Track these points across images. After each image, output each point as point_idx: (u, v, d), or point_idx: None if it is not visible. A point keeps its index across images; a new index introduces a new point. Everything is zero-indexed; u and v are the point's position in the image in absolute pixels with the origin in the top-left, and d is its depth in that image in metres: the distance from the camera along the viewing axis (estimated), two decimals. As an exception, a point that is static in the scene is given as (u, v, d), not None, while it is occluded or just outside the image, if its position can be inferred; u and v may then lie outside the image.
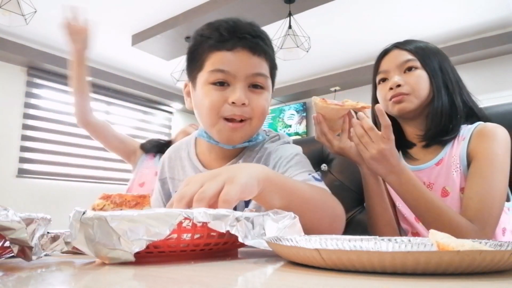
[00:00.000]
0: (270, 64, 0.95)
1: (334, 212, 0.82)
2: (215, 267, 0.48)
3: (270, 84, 0.96)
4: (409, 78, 1.10)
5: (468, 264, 0.35)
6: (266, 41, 0.94)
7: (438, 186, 1.08)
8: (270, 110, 6.31)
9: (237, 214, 0.55)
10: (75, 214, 0.50)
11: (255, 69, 0.90)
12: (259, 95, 0.92)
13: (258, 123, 0.95)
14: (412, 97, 1.09)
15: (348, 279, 0.37)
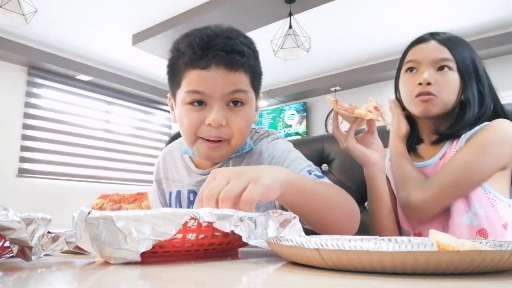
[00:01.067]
0: (252, 74, 0.91)
1: (351, 209, 0.83)
2: (215, 267, 0.48)
3: (253, 96, 0.92)
4: (441, 78, 1.03)
5: (468, 264, 0.35)
6: (245, 52, 0.88)
7: None
8: (270, 109, 6.32)
9: (241, 214, 0.55)
10: (80, 214, 0.51)
11: (232, 86, 0.86)
12: (238, 113, 0.89)
13: (237, 143, 0.92)
14: (439, 101, 1.03)
15: (348, 279, 0.37)
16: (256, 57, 0.93)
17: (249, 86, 0.90)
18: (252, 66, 0.90)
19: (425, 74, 1.02)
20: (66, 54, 4.76)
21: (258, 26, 3.93)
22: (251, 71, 0.90)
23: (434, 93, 1.02)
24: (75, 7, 3.82)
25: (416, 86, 1.04)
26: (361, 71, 5.21)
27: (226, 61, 0.85)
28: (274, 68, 5.20)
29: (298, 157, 0.96)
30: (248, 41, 0.92)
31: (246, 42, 0.91)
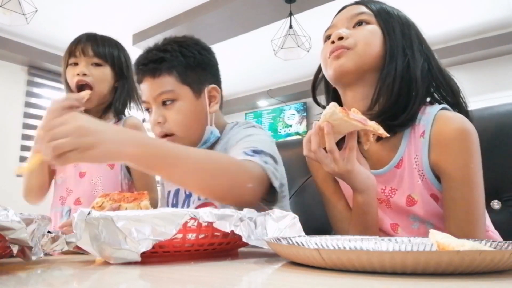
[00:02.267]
0: (179, 72, 1.02)
1: (235, 178, 0.81)
2: (216, 267, 0.48)
3: (184, 91, 1.02)
4: (357, 31, 0.90)
5: (468, 264, 0.35)
6: (165, 58, 1.02)
7: (402, 193, 0.89)
8: (271, 109, 6.32)
9: (241, 214, 0.55)
10: (80, 214, 0.51)
11: (157, 90, 1.01)
12: (171, 109, 1.01)
13: (182, 134, 1.02)
14: (353, 53, 0.88)
15: (348, 279, 0.37)
16: (184, 55, 1.03)
17: (177, 83, 1.02)
18: (177, 66, 1.02)
19: (339, 30, 0.90)
20: (66, 54, 4.76)
21: (258, 26, 3.93)
22: (178, 70, 1.02)
23: (348, 46, 0.88)
24: (75, 7, 3.82)
25: (329, 46, 0.91)
26: (361, 71, 5.21)
27: (149, 71, 1.03)
28: (274, 68, 5.20)
29: (251, 140, 0.96)
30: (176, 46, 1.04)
31: (172, 47, 1.04)
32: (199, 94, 1.04)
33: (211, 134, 1.05)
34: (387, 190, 0.91)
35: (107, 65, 1.41)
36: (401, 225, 0.91)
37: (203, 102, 1.05)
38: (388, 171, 0.90)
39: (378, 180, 0.90)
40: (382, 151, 0.92)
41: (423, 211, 0.87)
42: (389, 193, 0.91)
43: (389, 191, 0.91)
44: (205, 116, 1.05)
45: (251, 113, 6.68)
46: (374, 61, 0.89)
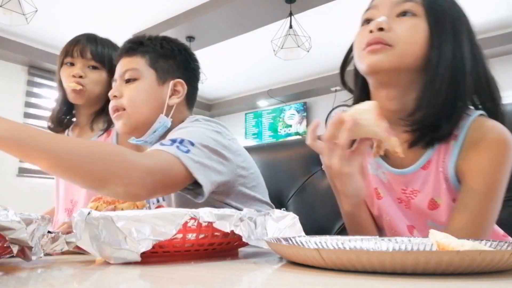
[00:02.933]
0: (151, 57, 1.08)
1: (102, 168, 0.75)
2: (216, 267, 0.48)
3: (149, 73, 1.07)
4: (400, 24, 0.79)
5: (468, 264, 0.35)
6: (144, 42, 1.10)
7: (425, 196, 0.84)
8: (271, 109, 6.32)
9: (241, 214, 0.55)
10: (80, 214, 0.51)
11: (125, 67, 1.07)
12: (129, 87, 1.06)
13: (131, 111, 1.04)
14: (393, 51, 0.78)
15: (348, 279, 0.37)
16: (163, 46, 1.10)
17: (145, 65, 1.07)
18: (151, 52, 1.09)
19: (379, 18, 0.79)
20: (66, 54, 4.76)
21: (258, 26, 3.93)
22: (150, 55, 1.08)
23: (388, 41, 0.78)
24: (75, 7, 3.82)
25: (367, 35, 0.80)
26: (361, 71, 5.21)
27: (124, 51, 1.10)
28: (274, 68, 5.20)
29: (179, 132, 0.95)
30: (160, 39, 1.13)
31: (155, 38, 1.12)
32: (163, 82, 1.08)
33: (162, 124, 1.05)
34: (408, 191, 0.86)
35: (103, 70, 1.41)
36: (418, 228, 0.87)
37: (164, 90, 1.07)
38: (413, 172, 0.84)
39: (399, 180, 0.86)
40: (407, 150, 0.83)
41: (445, 216, 0.82)
42: (410, 194, 0.86)
43: (410, 192, 0.85)
44: (161, 104, 1.06)
45: (251, 113, 6.68)
46: (415, 61, 0.79)
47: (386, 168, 0.88)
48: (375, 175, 0.91)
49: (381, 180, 0.90)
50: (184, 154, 0.84)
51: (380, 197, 0.90)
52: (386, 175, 0.88)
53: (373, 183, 0.91)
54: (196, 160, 0.85)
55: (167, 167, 0.82)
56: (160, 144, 0.86)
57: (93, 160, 0.74)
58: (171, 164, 0.82)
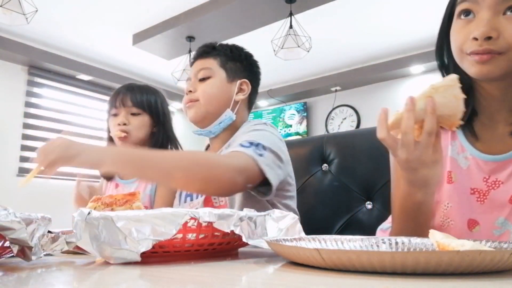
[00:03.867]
0: (222, 59, 1.23)
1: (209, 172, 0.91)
2: (216, 267, 0.48)
3: (220, 72, 1.21)
4: (509, 25, 0.70)
5: (468, 264, 0.35)
6: (216, 47, 1.25)
7: (509, 188, 0.78)
8: (271, 109, 6.32)
9: (241, 214, 0.55)
10: (81, 214, 0.51)
11: (200, 66, 1.22)
12: (203, 83, 1.20)
13: (204, 102, 1.17)
14: (504, 59, 0.71)
15: (348, 279, 0.37)
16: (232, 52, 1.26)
17: (217, 66, 1.22)
18: (222, 55, 1.23)
19: (483, 24, 0.71)
20: (66, 53, 4.76)
21: (259, 26, 3.93)
22: (221, 58, 1.23)
23: (498, 50, 0.70)
24: (75, 7, 3.82)
25: (471, 41, 0.73)
26: (361, 71, 5.20)
27: (199, 54, 1.26)
28: (275, 68, 5.19)
29: (253, 134, 1.07)
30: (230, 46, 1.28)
31: (226, 45, 1.27)
32: (232, 81, 1.22)
33: (228, 117, 1.19)
34: (490, 181, 0.80)
35: (145, 114, 1.53)
36: (483, 225, 0.80)
37: (232, 88, 1.22)
38: (504, 160, 0.77)
39: (484, 167, 0.80)
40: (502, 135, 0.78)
41: None
42: (491, 184, 0.79)
43: (492, 183, 0.79)
44: (229, 99, 1.21)
45: (251, 113, 6.68)
46: None
47: (471, 152, 0.81)
48: (453, 158, 0.85)
49: (458, 165, 0.84)
50: (260, 158, 0.97)
51: (451, 181, 0.84)
52: (468, 160, 0.82)
53: (448, 165, 0.85)
54: (266, 163, 0.98)
55: (248, 167, 0.95)
56: (241, 145, 1.00)
57: (192, 170, 0.89)
58: (250, 165, 0.95)
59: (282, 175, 1.07)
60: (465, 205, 0.82)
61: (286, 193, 1.15)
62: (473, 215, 0.82)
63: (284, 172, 1.09)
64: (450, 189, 0.84)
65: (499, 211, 0.79)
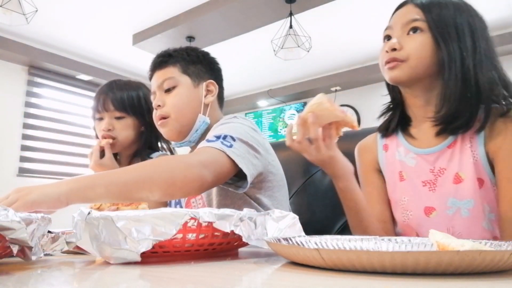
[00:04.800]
0: (182, 65, 1.19)
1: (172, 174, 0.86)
2: (216, 267, 0.48)
3: (184, 78, 1.18)
4: (409, 42, 0.93)
5: (468, 264, 0.35)
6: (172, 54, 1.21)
7: (451, 172, 0.93)
8: (271, 109, 6.32)
9: (241, 214, 0.55)
10: (80, 214, 0.51)
11: (162, 78, 1.18)
12: (170, 95, 1.17)
13: (177, 116, 1.15)
14: (406, 66, 0.92)
15: (348, 279, 0.37)
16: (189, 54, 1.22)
17: (179, 73, 1.18)
18: (181, 60, 1.19)
19: (392, 40, 0.95)
20: (66, 53, 4.76)
21: (258, 26, 3.93)
22: (180, 63, 1.19)
23: (401, 58, 0.93)
24: (75, 7, 3.82)
25: (385, 53, 0.96)
26: (361, 71, 5.20)
27: (155, 64, 1.22)
28: (274, 68, 5.20)
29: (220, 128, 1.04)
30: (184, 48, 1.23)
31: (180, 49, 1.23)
32: (197, 85, 1.19)
33: (203, 122, 1.16)
34: (436, 170, 0.96)
35: (129, 116, 1.48)
36: (438, 209, 0.95)
37: (199, 92, 1.19)
38: (440, 150, 0.95)
39: (428, 160, 0.96)
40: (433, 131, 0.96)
41: (467, 192, 0.91)
42: (437, 173, 0.95)
43: (438, 171, 0.95)
44: (199, 104, 1.17)
45: (251, 113, 6.68)
46: (428, 70, 0.93)
47: (415, 151, 0.99)
48: (401, 161, 1.01)
49: (407, 165, 1.00)
50: (229, 149, 0.94)
51: (403, 179, 1.00)
52: (414, 158, 0.99)
53: (398, 167, 1.01)
54: (238, 154, 0.95)
55: (216, 160, 0.93)
56: (206, 141, 0.97)
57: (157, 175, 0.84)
58: (219, 157, 0.93)
59: (260, 166, 1.04)
60: (420, 196, 0.97)
61: (269, 184, 1.11)
62: (428, 203, 0.96)
63: (263, 162, 1.05)
64: (403, 186, 1.00)
65: (448, 193, 0.93)
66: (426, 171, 0.97)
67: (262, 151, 1.05)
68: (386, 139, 1.07)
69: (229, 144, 0.95)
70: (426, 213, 0.97)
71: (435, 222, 0.95)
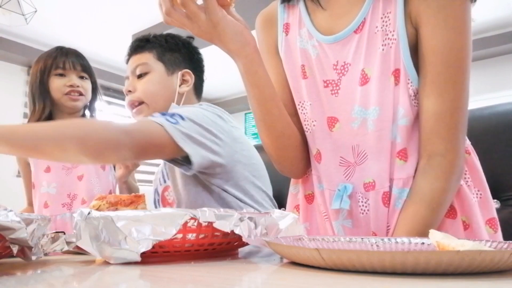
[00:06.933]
0: (158, 51, 1.17)
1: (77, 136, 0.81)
2: (216, 267, 0.48)
3: (158, 65, 1.16)
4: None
5: (468, 264, 0.35)
6: (150, 39, 1.19)
7: (356, 68, 0.74)
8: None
9: (241, 214, 0.55)
10: (80, 213, 0.51)
11: (135, 63, 1.17)
12: (141, 81, 1.15)
13: (150, 102, 1.14)
14: None
15: (348, 279, 0.37)
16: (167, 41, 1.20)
17: (153, 59, 1.16)
18: (158, 47, 1.18)
19: None
20: (66, 54, 4.76)
21: (258, 26, 3.93)
22: (157, 50, 1.17)
23: None
24: (75, 7, 3.82)
25: None
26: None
27: (133, 49, 1.20)
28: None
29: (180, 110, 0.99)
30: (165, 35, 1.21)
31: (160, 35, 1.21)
32: (172, 73, 1.17)
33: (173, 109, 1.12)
34: (339, 66, 0.76)
35: (89, 80, 1.62)
36: (342, 120, 0.78)
37: (174, 80, 1.17)
38: (345, 37, 0.74)
39: (331, 50, 0.76)
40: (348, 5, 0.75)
41: (373, 96, 0.73)
42: (341, 70, 0.76)
43: (342, 68, 0.76)
44: (172, 93, 1.15)
45: (251, 113, 6.68)
46: None
47: (317, 38, 0.78)
48: (304, 49, 0.82)
49: (309, 55, 0.80)
50: (171, 124, 0.89)
51: (306, 77, 0.81)
52: (316, 48, 0.79)
53: (300, 59, 0.82)
54: (183, 132, 0.89)
55: (148, 130, 0.87)
56: (151, 116, 0.92)
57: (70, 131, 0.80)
58: (152, 129, 0.88)
59: (222, 153, 0.97)
60: (321, 102, 0.79)
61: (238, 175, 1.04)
62: (330, 111, 0.79)
63: (227, 150, 0.99)
64: (306, 85, 0.81)
65: (352, 99, 0.76)
66: (328, 68, 0.77)
67: (225, 139, 0.99)
68: (288, 15, 0.86)
69: (174, 121, 0.90)
70: (330, 125, 0.79)
71: (338, 137, 0.78)
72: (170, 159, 0.97)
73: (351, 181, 0.78)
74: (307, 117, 0.82)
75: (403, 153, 0.74)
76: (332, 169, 0.80)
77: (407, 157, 0.74)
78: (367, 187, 0.77)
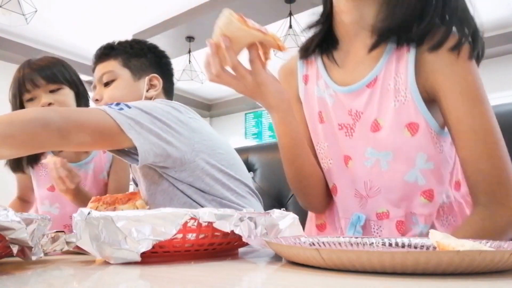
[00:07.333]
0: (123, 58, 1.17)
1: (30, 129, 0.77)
2: (216, 267, 0.48)
3: (124, 72, 1.16)
4: None
5: (468, 264, 0.35)
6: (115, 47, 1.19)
7: (368, 117, 0.81)
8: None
9: (241, 214, 0.55)
10: (80, 214, 0.51)
11: (101, 71, 1.16)
12: (108, 89, 1.14)
13: None
14: None
15: (348, 279, 0.37)
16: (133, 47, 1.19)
17: (119, 66, 1.16)
18: (123, 54, 1.17)
19: None
20: (66, 54, 4.76)
21: (258, 26, 3.93)
22: (122, 57, 1.17)
23: None
24: (75, 7, 3.82)
25: None
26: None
27: (98, 58, 1.19)
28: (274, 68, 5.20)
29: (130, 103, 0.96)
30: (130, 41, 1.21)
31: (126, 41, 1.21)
32: (139, 78, 1.17)
33: None
34: (353, 113, 0.84)
35: (64, 86, 1.41)
36: (354, 158, 0.85)
37: (140, 86, 1.16)
38: (358, 90, 0.82)
39: (345, 100, 0.84)
40: (362, 64, 0.83)
41: (386, 141, 0.79)
42: (355, 116, 0.84)
43: (355, 114, 0.84)
44: (139, 98, 1.14)
45: (251, 113, 6.68)
46: None
47: (334, 88, 0.86)
48: (321, 97, 0.90)
49: (326, 103, 0.88)
50: (114, 109, 0.86)
51: (323, 121, 0.90)
52: (332, 97, 0.87)
53: (318, 106, 0.90)
54: (128, 116, 0.86)
55: (84, 113, 0.84)
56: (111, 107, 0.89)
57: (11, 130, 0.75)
58: (92, 112, 0.84)
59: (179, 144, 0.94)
60: (337, 142, 0.87)
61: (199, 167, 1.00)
62: (345, 150, 0.86)
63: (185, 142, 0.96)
64: (323, 129, 0.89)
65: (365, 141, 0.83)
66: (344, 113, 0.85)
67: (182, 130, 0.96)
68: (307, 68, 0.95)
69: (118, 108, 0.88)
70: (346, 162, 0.86)
71: (352, 173, 0.85)
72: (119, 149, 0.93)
73: (364, 211, 0.85)
74: (324, 156, 0.91)
75: (428, 194, 0.80)
76: (348, 201, 0.88)
77: (433, 198, 0.80)
78: (380, 216, 0.84)
